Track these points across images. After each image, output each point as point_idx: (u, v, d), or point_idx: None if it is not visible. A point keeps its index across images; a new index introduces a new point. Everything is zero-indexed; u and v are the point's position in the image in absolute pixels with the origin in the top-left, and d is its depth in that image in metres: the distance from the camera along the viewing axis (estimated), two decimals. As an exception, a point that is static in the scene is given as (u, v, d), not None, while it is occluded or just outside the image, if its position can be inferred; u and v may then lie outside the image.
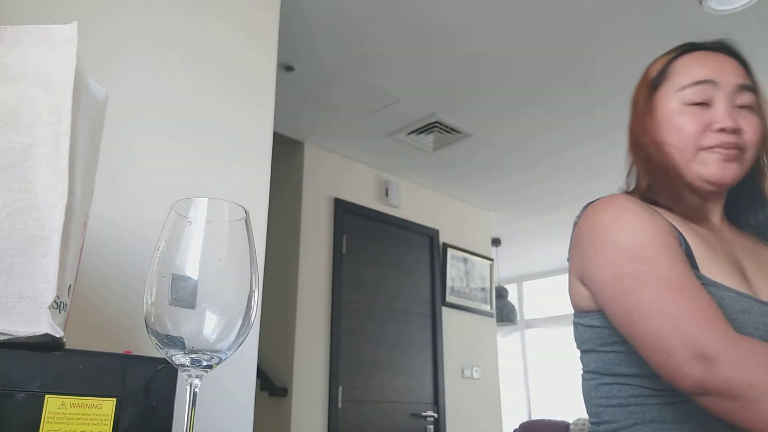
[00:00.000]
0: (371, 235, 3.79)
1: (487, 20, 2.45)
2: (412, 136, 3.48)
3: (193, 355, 0.47)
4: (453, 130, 3.40)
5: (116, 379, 0.61)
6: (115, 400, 0.60)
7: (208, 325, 0.46)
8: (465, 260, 4.32)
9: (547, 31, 2.51)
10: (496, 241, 5.28)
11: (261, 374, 2.98)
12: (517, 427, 4.27)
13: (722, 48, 0.90)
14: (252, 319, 0.49)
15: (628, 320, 0.73)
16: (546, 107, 3.11)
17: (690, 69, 0.86)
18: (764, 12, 2.35)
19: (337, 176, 3.72)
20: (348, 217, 3.68)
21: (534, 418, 5.91)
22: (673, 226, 0.81)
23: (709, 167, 0.82)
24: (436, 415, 3.71)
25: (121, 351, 0.74)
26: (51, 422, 0.56)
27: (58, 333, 0.58)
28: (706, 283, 0.75)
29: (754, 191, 0.90)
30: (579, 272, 0.85)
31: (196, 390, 0.48)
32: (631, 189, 0.92)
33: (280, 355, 3.23)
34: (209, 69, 1.69)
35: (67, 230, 0.60)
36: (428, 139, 3.53)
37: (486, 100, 3.09)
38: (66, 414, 0.57)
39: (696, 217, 0.86)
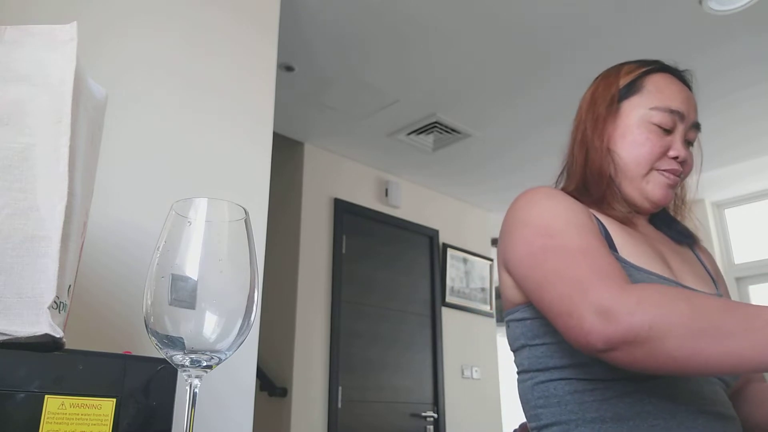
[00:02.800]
0: (371, 235, 3.78)
1: (487, 20, 2.45)
2: (412, 136, 3.48)
3: (192, 356, 0.47)
4: (453, 130, 3.40)
5: (116, 379, 0.61)
6: (114, 400, 0.60)
7: (208, 325, 0.46)
8: (465, 260, 4.32)
9: (546, 31, 2.51)
10: (496, 241, 5.27)
11: (261, 374, 2.98)
12: (517, 427, 4.27)
13: (687, 80, 0.95)
14: (252, 319, 0.49)
15: (538, 291, 0.74)
16: (546, 107, 3.11)
17: (666, 93, 0.90)
18: (764, 12, 2.35)
19: (337, 176, 3.72)
20: (348, 217, 3.68)
21: (534, 418, 5.89)
22: (593, 214, 0.85)
23: (656, 188, 0.88)
24: (435, 415, 3.71)
25: (120, 351, 0.74)
26: (51, 422, 0.56)
27: (57, 333, 0.58)
28: (626, 265, 0.77)
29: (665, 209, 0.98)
30: (503, 261, 0.86)
31: (196, 390, 0.48)
32: (559, 188, 0.95)
33: (280, 355, 3.23)
34: (209, 69, 1.69)
35: (66, 230, 0.60)
36: (428, 139, 3.53)
37: (486, 100, 3.09)
38: (66, 414, 0.57)
39: (620, 219, 0.90)
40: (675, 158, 0.88)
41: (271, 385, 3.13)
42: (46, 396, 0.56)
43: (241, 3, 1.84)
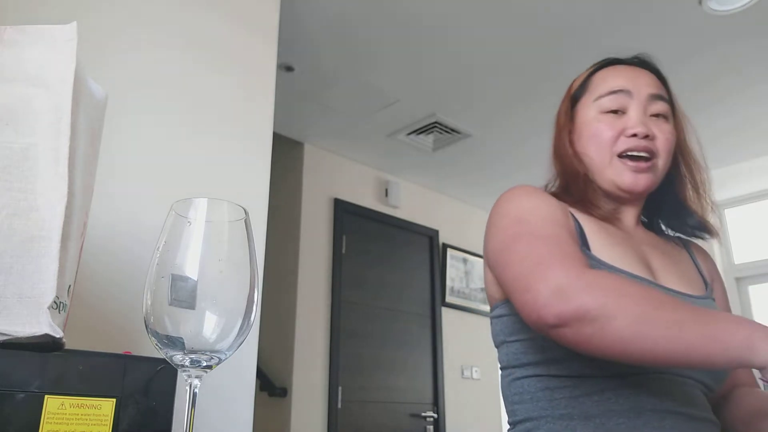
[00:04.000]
0: (371, 236, 3.78)
1: (487, 20, 2.45)
2: (412, 136, 3.48)
3: (192, 356, 0.47)
4: (453, 130, 3.40)
5: (116, 379, 0.61)
6: (114, 400, 0.60)
7: (208, 325, 0.46)
8: (465, 260, 4.32)
9: (546, 31, 2.51)
10: (495, 242, 5.27)
11: (261, 374, 2.98)
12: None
13: (639, 62, 0.96)
14: (252, 319, 0.49)
15: (503, 272, 0.77)
16: (545, 107, 3.11)
17: (607, 80, 0.92)
18: (764, 12, 2.36)
19: (337, 176, 3.72)
20: (348, 217, 3.68)
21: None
22: (571, 213, 0.86)
23: (622, 176, 0.87)
24: (435, 415, 3.71)
25: (120, 351, 0.74)
26: (50, 423, 0.56)
27: (57, 333, 0.58)
28: (595, 262, 0.79)
29: (673, 198, 0.95)
30: (486, 257, 0.88)
31: (196, 390, 0.48)
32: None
33: (280, 355, 3.23)
34: (209, 69, 1.69)
35: (66, 230, 0.60)
36: (428, 139, 3.53)
37: (486, 101, 3.09)
38: (66, 414, 0.57)
39: (606, 218, 0.90)
40: (634, 135, 0.86)
41: (271, 385, 3.12)
42: (46, 396, 0.56)
43: (241, 3, 1.84)
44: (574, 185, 0.91)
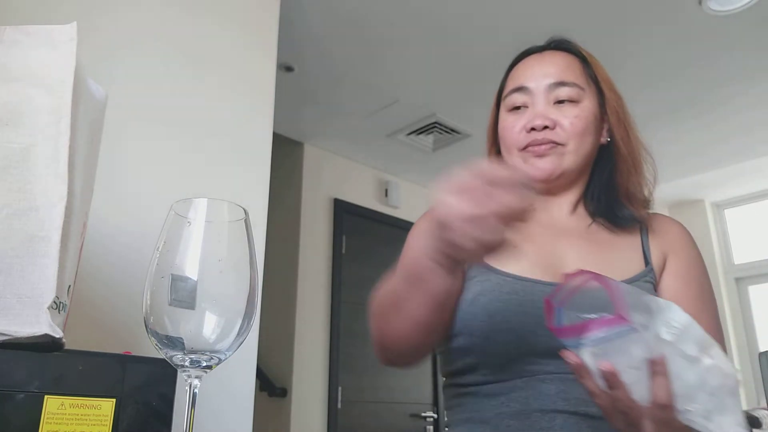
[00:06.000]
0: (371, 236, 3.78)
1: (487, 20, 2.45)
2: (412, 136, 3.48)
3: (192, 356, 0.46)
4: (453, 130, 3.40)
5: (116, 379, 0.61)
6: (114, 400, 0.60)
7: (208, 325, 0.46)
8: (465, 260, 4.32)
9: (546, 31, 2.50)
10: (495, 242, 5.27)
11: (260, 374, 2.98)
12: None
13: (555, 46, 0.95)
14: (252, 319, 0.49)
15: None
16: (546, 108, 3.11)
17: (513, 77, 0.93)
18: (764, 12, 2.35)
19: (337, 177, 3.72)
20: (348, 217, 3.68)
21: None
22: None
23: (525, 166, 0.86)
24: (435, 415, 3.71)
25: (120, 351, 0.74)
26: (50, 423, 0.56)
27: (57, 333, 0.58)
28: (481, 267, 0.81)
29: (607, 179, 0.90)
30: None
31: (196, 390, 0.48)
32: None
33: (280, 355, 3.23)
34: (209, 69, 1.69)
35: (66, 230, 0.60)
36: (428, 139, 3.52)
37: (486, 101, 3.08)
38: (65, 414, 0.57)
39: (532, 213, 0.88)
40: (533, 129, 0.85)
41: (271, 385, 3.12)
42: (46, 396, 0.56)
43: (241, 4, 1.84)
44: None
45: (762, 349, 1.80)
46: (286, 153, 3.57)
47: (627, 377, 0.55)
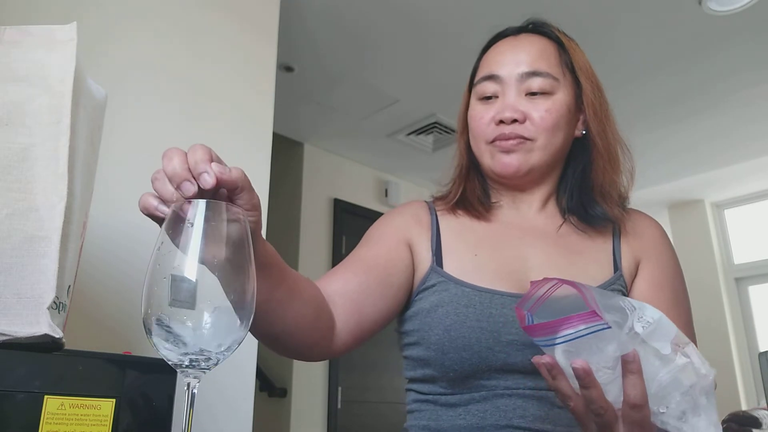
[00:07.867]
0: (371, 236, 3.78)
1: (487, 20, 2.45)
2: (412, 136, 3.48)
3: (191, 356, 0.46)
4: (453, 130, 3.40)
5: (115, 379, 0.61)
6: (114, 400, 0.60)
7: (207, 325, 0.46)
8: (465, 261, 4.32)
9: (546, 31, 2.51)
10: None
11: (260, 374, 2.98)
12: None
13: (528, 28, 0.91)
14: (251, 319, 0.49)
15: None
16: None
17: (486, 61, 0.87)
18: (764, 12, 2.36)
19: (337, 177, 3.72)
20: (347, 217, 3.68)
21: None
22: (437, 219, 0.86)
23: (491, 161, 0.82)
24: (435, 415, 3.71)
25: (120, 352, 0.74)
26: (50, 423, 0.56)
27: (57, 333, 0.58)
28: (443, 277, 0.78)
29: (582, 174, 0.85)
30: None
31: (195, 391, 0.48)
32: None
33: (280, 355, 3.23)
34: (209, 70, 1.69)
35: (66, 231, 0.60)
36: (428, 139, 3.53)
37: (486, 101, 3.09)
38: (65, 415, 0.57)
39: (482, 215, 0.86)
40: (501, 122, 0.80)
41: (271, 385, 3.12)
42: (46, 396, 0.56)
43: (241, 4, 1.84)
44: (455, 185, 0.89)
45: (762, 349, 1.80)
46: (286, 153, 3.57)
47: (601, 377, 0.54)
